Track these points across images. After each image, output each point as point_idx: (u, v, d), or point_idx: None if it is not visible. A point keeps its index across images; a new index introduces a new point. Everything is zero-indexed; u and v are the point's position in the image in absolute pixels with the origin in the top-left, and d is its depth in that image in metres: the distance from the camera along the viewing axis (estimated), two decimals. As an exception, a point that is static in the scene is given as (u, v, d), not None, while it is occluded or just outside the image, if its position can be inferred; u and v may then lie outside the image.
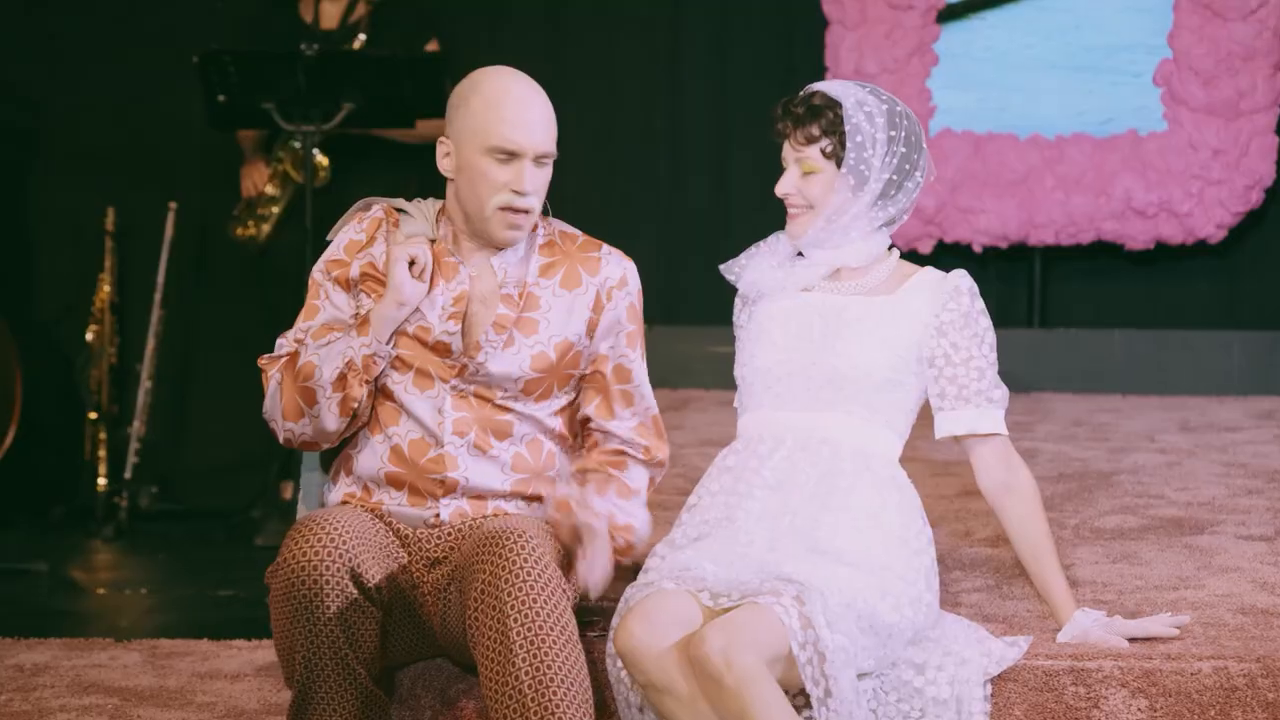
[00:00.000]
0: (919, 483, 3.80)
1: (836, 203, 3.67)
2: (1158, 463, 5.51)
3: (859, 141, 3.65)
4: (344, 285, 3.75)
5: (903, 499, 3.68)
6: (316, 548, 3.48)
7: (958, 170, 7.14)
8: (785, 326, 3.72)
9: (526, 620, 3.39)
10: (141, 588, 5.75)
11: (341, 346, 3.66)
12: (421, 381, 3.69)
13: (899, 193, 3.68)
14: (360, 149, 6.54)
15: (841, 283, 3.76)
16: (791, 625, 3.37)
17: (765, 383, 3.72)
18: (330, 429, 3.67)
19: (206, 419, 7.40)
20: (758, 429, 3.73)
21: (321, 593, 3.46)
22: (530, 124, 3.63)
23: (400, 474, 3.69)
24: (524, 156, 3.63)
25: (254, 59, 6.21)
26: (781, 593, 3.42)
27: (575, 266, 3.75)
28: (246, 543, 6.33)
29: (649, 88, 7.51)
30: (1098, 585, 4.15)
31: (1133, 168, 7.07)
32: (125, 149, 7.38)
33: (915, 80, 7.23)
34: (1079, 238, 7.15)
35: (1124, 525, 4.72)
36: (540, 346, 3.71)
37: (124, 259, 7.30)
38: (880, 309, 3.70)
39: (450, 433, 3.68)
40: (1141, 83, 7.17)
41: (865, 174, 3.65)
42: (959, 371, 3.69)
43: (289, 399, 3.67)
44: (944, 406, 3.71)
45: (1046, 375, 7.02)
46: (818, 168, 3.68)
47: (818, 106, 3.68)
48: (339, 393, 3.64)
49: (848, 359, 3.65)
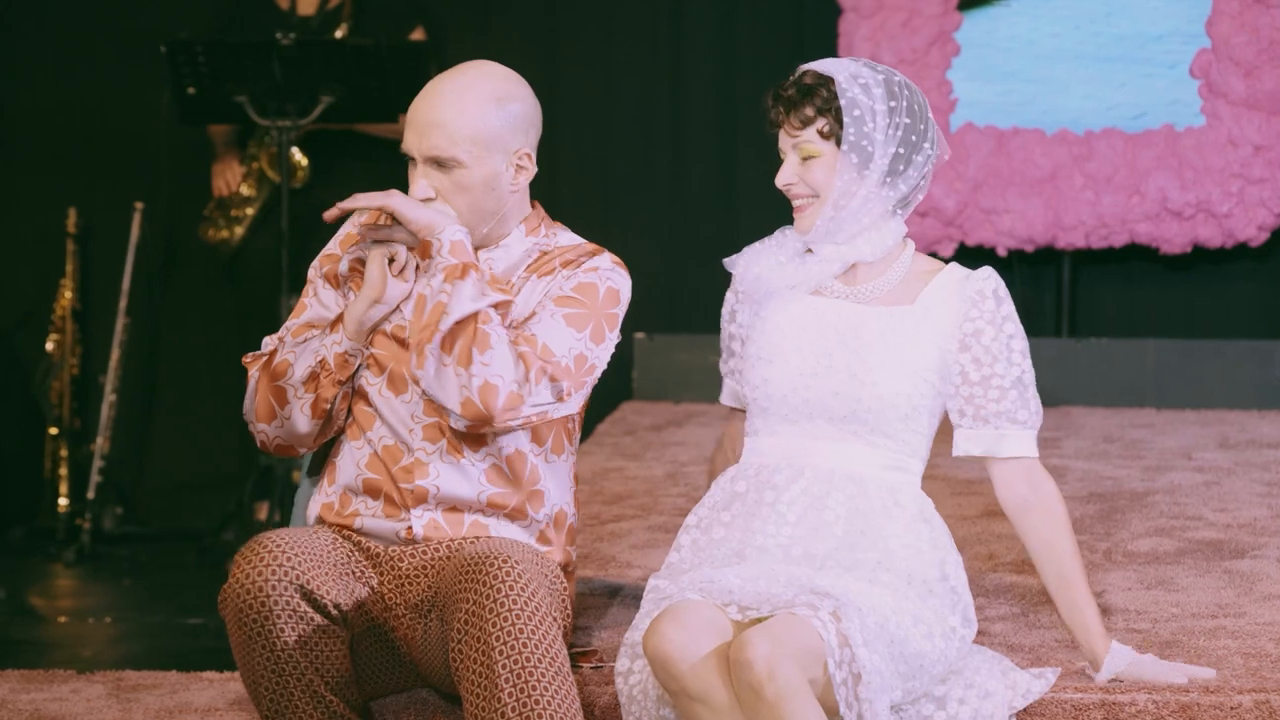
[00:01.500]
0: (939, 502, 3.80)
1: (842, 186, 3.64)
2: (1195, 482, 5.51)
3: (857, 115, 3.61)
4: (334, 282, 3.76)
5: (933, 532, 3.67)
6: (260, 567, 3.49)
7: (980, 168, 7.14)
8: (800, 345, 3.69)
9: (512, 652, 3.39)
10: (105, 615, 5.75)
11: (314, 345, 3.68)
12: (395, 384, 3.70)
13: (908, 168, 3.65)
14: (341, 145, 6.55)
15: (857, 285, 3.73)
16: (829, 641, 3.37)
17: (781, 410, 3.70)
18: (302, 431, 3.69)
19: (175, 434, 7.40)
20: (773, 456, 3.71)
21: (272, 615, 3.47)
22: (418, 122, 3.63)
23: (377, 481, 3.70)
24: (414, 160, 3.65)
25: (226, 49, 6.22)
26: (818, 607, 3.42)
27: (554, 262, 3.73)
28: (218, 567, 6.33)
29: (649, 84, 7.51)
30: (1130, 613, 4.15)
31: (1168, 165, 7.08)
32: (87, 145, 7.38)
33: (935, 71, 7.23)
34: (1110, 240, 7.15)
35: (1159, 549, 4.72)
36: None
37: (86, 263, 7.31)
38: (901, 324, 3.67)
39: (420, 438, 3.68)
40: (1177, 74, 7.17)
41: (869, 150, 3.63)
42: (976, 391, 3.67)
43: (262, 398, 3.69)
44: (962, 425, 3.70)
45: (1075, 388, 7.02)
46: (817, 151, 3.66)
47: (809, 86, 3.66)
48: (310, 393, 3.66)
49: (872, 391, 3.63)
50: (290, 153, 6.37)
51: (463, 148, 3.61)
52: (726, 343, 3.87)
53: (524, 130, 3.68)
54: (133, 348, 7.12)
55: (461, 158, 3.61)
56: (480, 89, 3.64)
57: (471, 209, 3.65)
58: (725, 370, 3.90)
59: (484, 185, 3.65)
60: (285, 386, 3.66)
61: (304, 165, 6.53)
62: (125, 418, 7.12)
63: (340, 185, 5.94)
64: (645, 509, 5.28)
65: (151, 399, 7.44)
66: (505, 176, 3.67)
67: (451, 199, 3.63)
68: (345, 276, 3.76)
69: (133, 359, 7.14)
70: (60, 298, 7.20)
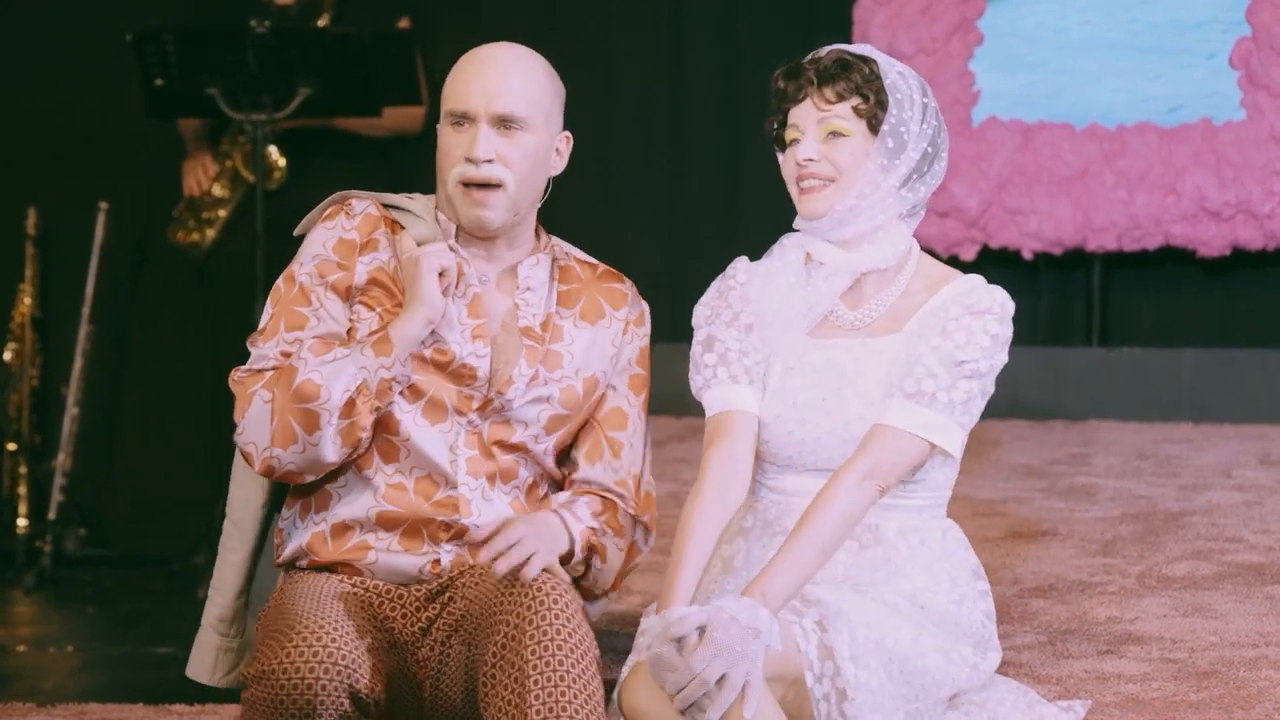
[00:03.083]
0: (961, 523, 3.79)
1: (869, 175, 3.61)
2: (1235, 501, 5.52)
3: (899, 99, 3.61)
4: (341, 294, 3.70)
5: (953, 569, 3.67)
6: (311, 661, 3.42)
7: (1005, 165, 7.15)
8: (807, 397, 3.65)
9: (549, 684, 3.37)
10: (68, 644, 5.75)
11: (352, 366, 3.60)
12: (433, 413, 3.68)
13: (928, 172, 3.64)
14: (320, 142, 6.55)
15: (860, 308, 3.69)
16: (808, 652, 3.36)
17: (797, 451, 3.67)
18: (328, 460, 3.62)
19: (142, 451, 7.40)
20: (791, 496, 3.68)
21: (315, 714, 3.43)
22: (485, 80, 3.64)
23: (397, 514, 3.67)
24: (477, 119, 3.63)
25: (197, 38, 6.23)
26: (803, 614, 3.42)
27: (596, 298, 3.77)
28: (188, 593, 6.33)
29: (649, 79, 7.53)
30: (1165, 642, 4.16)
31: (1206, 162, 7.09)
32: (48, 140, 7.39)
33: (956, 61, 7.24)
34: (1144, 243, 7.16)
35: (1196, 573, 4.72)
36: (569, 380, 3.72)
37: (47, 267, 7.32)
38: (901, 357, 3.64)
39: (465, 473, 3.68)
40: (1216, 64, 7.18)
41: (905, 139, 3.61)
42: (913, 365, 3.59)
43: (282, 423, 3.60)
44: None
45: (1106, 401, 7.03)
46: (848, 130, 3.62)
47: (849, 60, 3.63)
48: (346, 419, 3.59)
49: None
50: (266, 150, 6.38)
51: (532, 110, 3.66)
52: (723, 344, 3.75)
53: (562, 114, 3.75)
54: (97, 357, 7.13)
55: (530, 120, 3.65)
56: (536, 61, 3.71)
57: (523, 181, 3.66)
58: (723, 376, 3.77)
59: (536, 158, 3.68)
60: (318, 410, 3.58)
61: (280, 164, 6.54)
62: (89, 433, 7.13)
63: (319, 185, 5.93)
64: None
65: (117, 412, 7.44)
66: (550, 157, 3.72)
67: (512, 166, 3.64)
68: (360, 288, 3.70)
69: (97, 370, 7.15)
70: (19, 304, 7.21)
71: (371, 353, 3.61)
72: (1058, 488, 5.74)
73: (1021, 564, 4.81)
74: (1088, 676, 3.97)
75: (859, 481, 3.52)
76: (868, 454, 3.54)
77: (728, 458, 3.64)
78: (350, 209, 3.75)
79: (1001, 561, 4.82)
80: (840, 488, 3.51)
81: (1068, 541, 5.05)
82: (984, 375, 3.59)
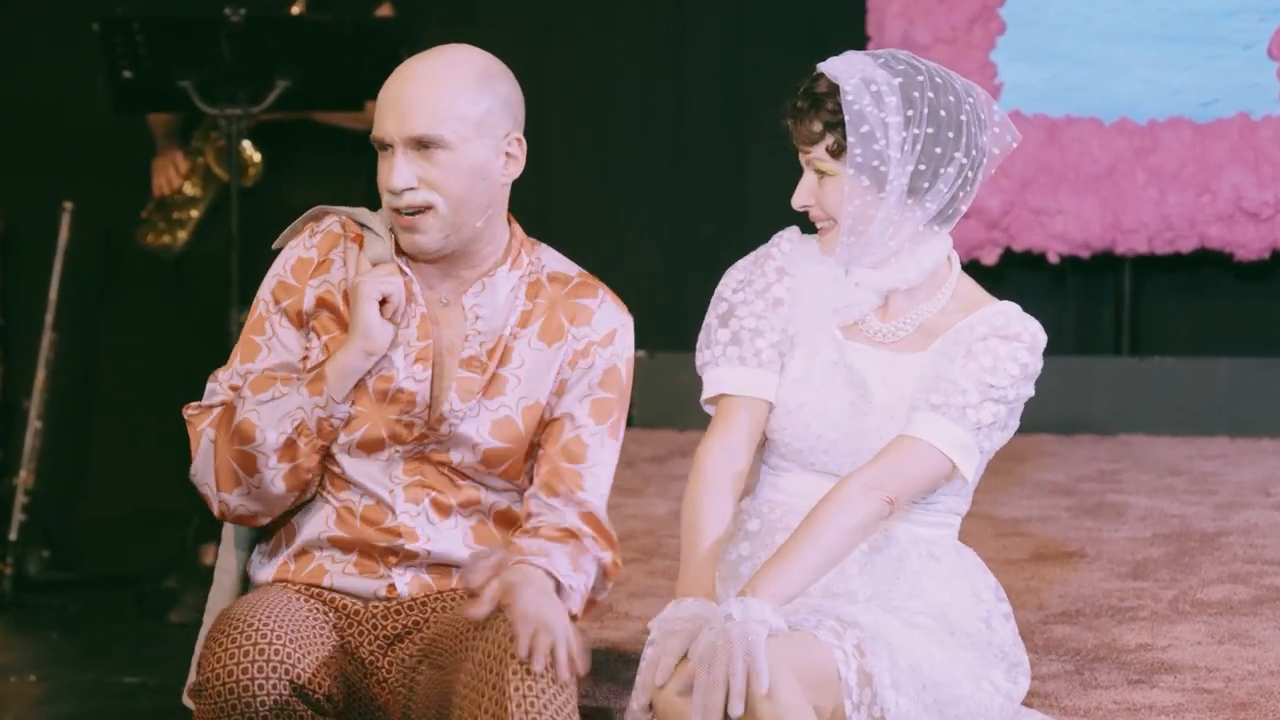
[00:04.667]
0: (982, 544, 3.82)
1: (855, 211, 3.63)
2: (1274, 521, 5.52)
3: (865, 132, 3.59)
4: (294, 320, 3.71)
5: (974, 585, 3.69)
6: (244, 662, 3.46)
7: (1029, 162, 7.16)
8: (825, 395, 3.68)
9: (529, 704, 3.39)
10: (30, 673, 5.76)
11: (288, 405, 3.62)
12: (368, 444, 3.69)
13: (935, 183, 3.64)
14: (298, 137, 6.56)
15: (891, 320, 3.72)
16: (848, 679, 3.39)
17: (809, 447, 3.70)
18: (275, 502, 3.66)
19: (110, 467, 7.41)
20: (795, 498, 3.71)
21: (259, 715, 3.45)
22: (397, 102, 3.62)
23: (347, 539, 3.70)
24: (394, 145, 3.61)
25: (167, 27, 6.23)
26: (842, 636, 3.44)
27: (557, 315, 3.74)
28: (159, 619, 6.34)
29: (650, 79, 7.54)
30: (1200, 671, 4.16)
31: (1243, 159, 7.10)
32: (9, 136, 7.40)
33: (977, 52, 7.26)
34: (1177, 245, 7.17)
35: (1233, 597, 4.73)
36: (506, 410, 3.70)
37: (8, 271, 7.32)
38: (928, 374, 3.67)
39: (403, 500, 3.70)
40: (1253, 55, 7.19)
41: (881, 170, 3.61)
42: (940, 380, 3.64)
43: (223, 465, 3.64)
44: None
45: (1137, 414, 7.04)
46: (831, 170, 3.65)
47: (819, 95, 3.65)
48: (287, 462, 3.62)
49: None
50: (241, 146, 6.37)
51: (449, 126, 3.60)
52: (739, 321, 3.78)
53: (513, 114, 3.69)
54: (61, 368, 7.13)
55: (448, 138, 3.60)
56: (463, 67, 3.65)
57: (458, 201, 3.62)
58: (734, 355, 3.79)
59: (471, 173, 3.63)
60: (254, 453, 3.62)
61: (256, 160, 6.54)
62: (52, 448, 7.12)
63: (298, 183, 5.94)
64: (647, 551, 5.29)
65: (83, 426, 7.45)
66: (495, 165, 3.67)
67: (438, 188, 3.60)
68: (309, 313, 3.72)
69: (61, 381, 7.15)
70: (-22, 311, 7.22)
71: (304, 389, 3.64)
72: (1085, 506, 5.74)
73: (1047, 587, 4.81)
74: (1117, 708, 3.97)
75: (865, 488, 3.56)
76: (881, 463, 3.59)
77: (723, 449, 3.72)
78: (315, 226, 3.77)
79: (1026, 585, 4.82)
80: (845, 491, 3.56)
81: (1096, 563, 5.05)
82: (1010, 403, 3.63)
